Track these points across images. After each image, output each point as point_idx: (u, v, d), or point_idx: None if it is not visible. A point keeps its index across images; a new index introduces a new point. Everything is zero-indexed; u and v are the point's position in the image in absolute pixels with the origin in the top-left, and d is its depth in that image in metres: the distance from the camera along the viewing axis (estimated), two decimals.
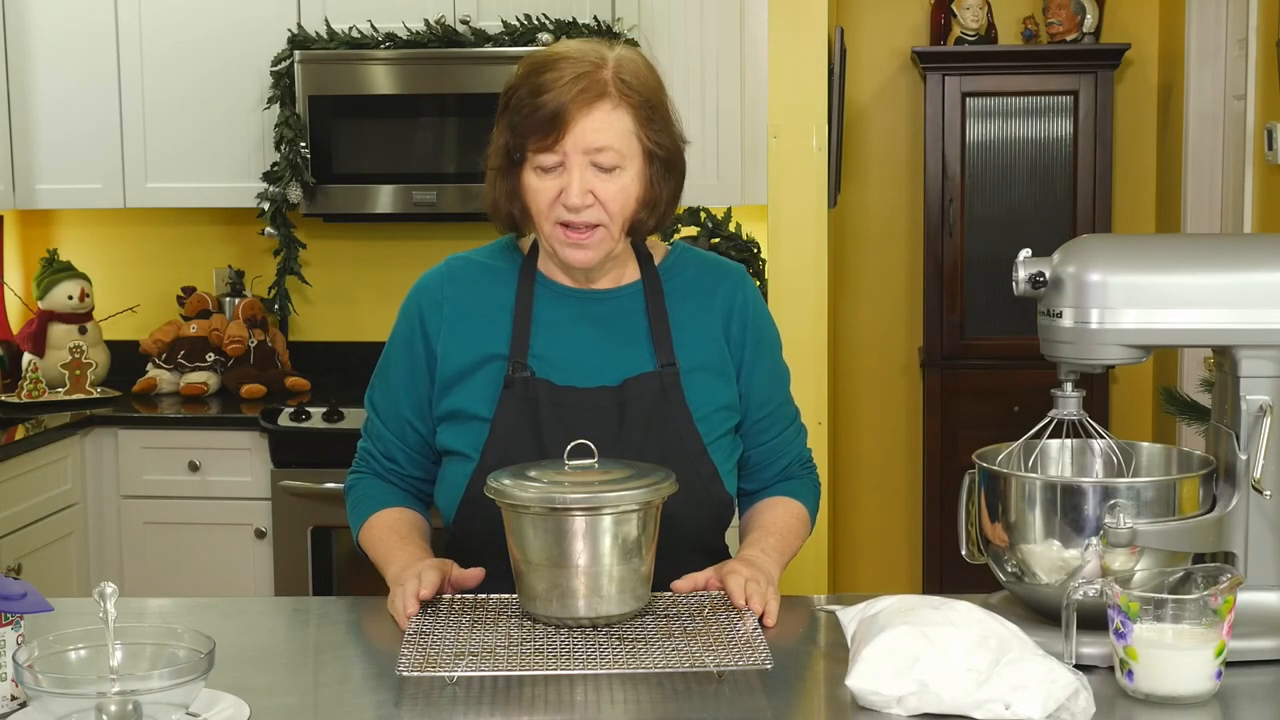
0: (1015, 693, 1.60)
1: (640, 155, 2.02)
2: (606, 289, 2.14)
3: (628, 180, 2.01)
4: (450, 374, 2.10)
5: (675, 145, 2.07)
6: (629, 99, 2.00)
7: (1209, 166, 4.51)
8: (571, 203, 1.99)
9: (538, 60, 2.03)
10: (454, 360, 2.11)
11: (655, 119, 2.03)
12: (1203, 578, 1.72)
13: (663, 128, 2.04)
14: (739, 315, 2.16)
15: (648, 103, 2.02)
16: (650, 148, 2.02)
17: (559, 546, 1.83)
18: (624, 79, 2.00)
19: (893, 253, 5.17)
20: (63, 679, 1.56)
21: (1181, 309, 1.83)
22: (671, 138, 2.06)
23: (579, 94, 1.97)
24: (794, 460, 2.24)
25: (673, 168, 2.07)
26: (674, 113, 2.08)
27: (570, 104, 1.97)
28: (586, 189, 1.99)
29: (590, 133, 1.98)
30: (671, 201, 2.09)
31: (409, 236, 4.63)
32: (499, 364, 2.08)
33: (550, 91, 1.97)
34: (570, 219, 2.01)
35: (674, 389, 2.09)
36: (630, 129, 2.00)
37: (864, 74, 5.07)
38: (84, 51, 4.38)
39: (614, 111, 1.99)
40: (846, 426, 5.12)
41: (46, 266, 4.59)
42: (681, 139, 2.09)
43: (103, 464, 4.20)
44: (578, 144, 1.98)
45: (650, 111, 2.02)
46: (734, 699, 1.69)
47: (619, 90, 1.99)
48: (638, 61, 2.05)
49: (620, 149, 2.00)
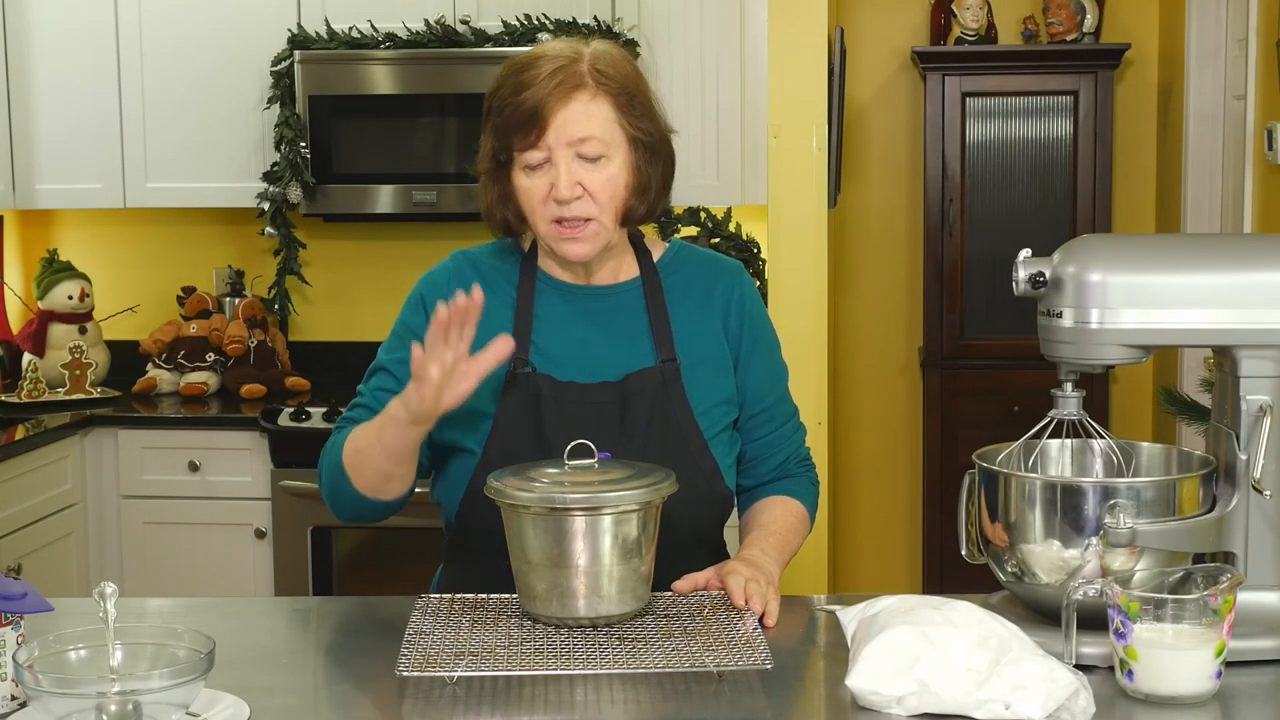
0: (1015, 693, 1.60)
1: (625, 143, 2.04)
2: (607, 285, 2.15)
3: (614, 169, 2.03)
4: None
5: (659, 131, 2.09)
6: (606, 87, 2.03)
7: (1209, 166, 4.51)
8: (561, 195, 2.01)
9: (516, 62, 2.06)
10: None
11: (635, 105, 2.05)
12: (1203, 578, 1.72)
13: (644, 114, 2.06)
14: (736, 310, 2.17)
15: (625, 90, 2.04)
16: (634, 134, 2.05)
17: (559, 546, 1.83)
18: (600, 69, 2.03)
19: (893, 253, 5.17)
20: (63, 679, 1.56)
21: (1181, 309, 1.83)
22: (654, 123, 2.08)
23: (556, 87, 2.00)
24: (790, 456, 2.24)
25: (659, 153, 2.08)
26: (656, 101, 2.10)
27: (549, 97, 2.00)
28: (574, 181, 2.01)
29: (571, 124, 2.00)
30: (662, 188, 2.11)
31: (409, 236, 4.63)
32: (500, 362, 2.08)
33: (529, 89, 2.01)
34: (562, 214, 2.02)
35: (675, 384, 2.09)
36: (611, 117, 2.03)
37: (864, 74, 5.07)
38: (84, 51, 4.38)
39: (593, 101, 2.02)
40: (846, 426, 5.12)
41: (46, 266, 4.59)
42: (667, 127, 2.11)
43: (103, 464, 4.20)
44: (560, 137, 2.00)
45: (629, 99, 2.04)
46: (734, 699, 1.69)
47: (595, 80, 2.02)
48: (613, 52, 2.07)
49: (603, 138, 2.02)
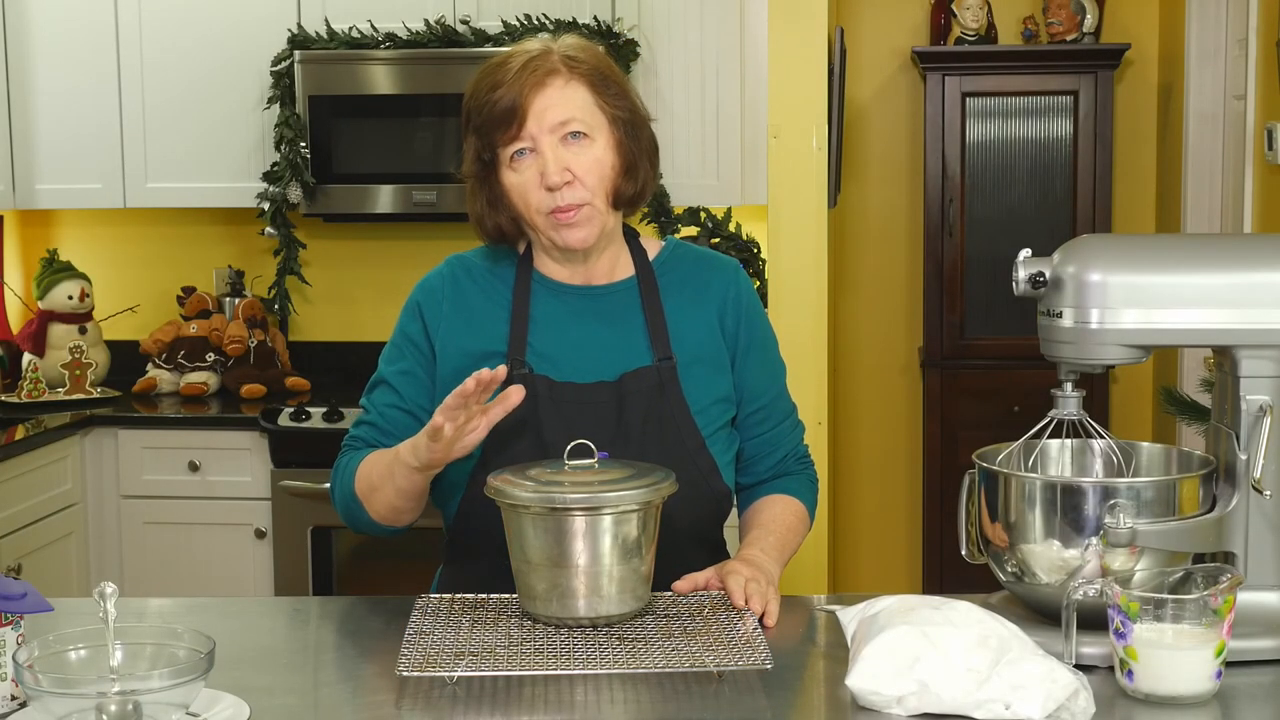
0: (1015, 693, 1.60)
1: (606, 123, 2.07)
2: (602, 285, 2.15)
3: (600, 150, 2.06)
4: (449, 372, 2.10)
5: (638, 112, 2.12)
6: (578, 70, 2.06)
7: (1209, 166, 4.51)
8: (551, 180, 2.02)
9: (489, 64, 2.10)
10: (453, 358, 2.11)
11: (610, 85, 2.08)
12: (1203, 578, 1.72)
13: (619, 93, 2.10)
14: (733, 307, 2.18)
15: (597, 71, 2.08)
16: (614, 113, 2.08)
17: (559, 546, 1.83)
18: (570, 55, 2.07)
19: (893, 253, 5.17)
20: (63, 679, 1.56)
21: (1181, 309, 1.83)
22: (631, 103, 2.11)
23: (529, 77, 2.04)
24: (789, 454, 2.24)
25: (641, 129, 2.11)
26: (630, 86, 2.14)
27: (524, 87, 2.03)
28: (562, 165, 2.03)
29: (550, 110, 2.03)
30: (650, 168, 2.13)
31: (409, 236, 4.63)
32: (498, 361, 2.08)
33: (504, 85, 2.04)
34: (556, 202, 2.04)
35: (671, 383, 2.09)
36: (588, 99, 2.06)
37: (864, 74, 5.07)
38: (84, 51, 4.38)
39: (567, 86, 2.05)
40: (846, 426, 5.12)
41: (46, 266, 4.59)
42: (645, 114, 2.13)
43: (103, 464, 4.20)
44: (541, 124, 2.03)
45: (603, 81, 2.08)
46: (734, 699, 1.69)
47: (567, 66, 2.06)
48: (582, 42, 2.12)
49: (583, 119, 2.05)
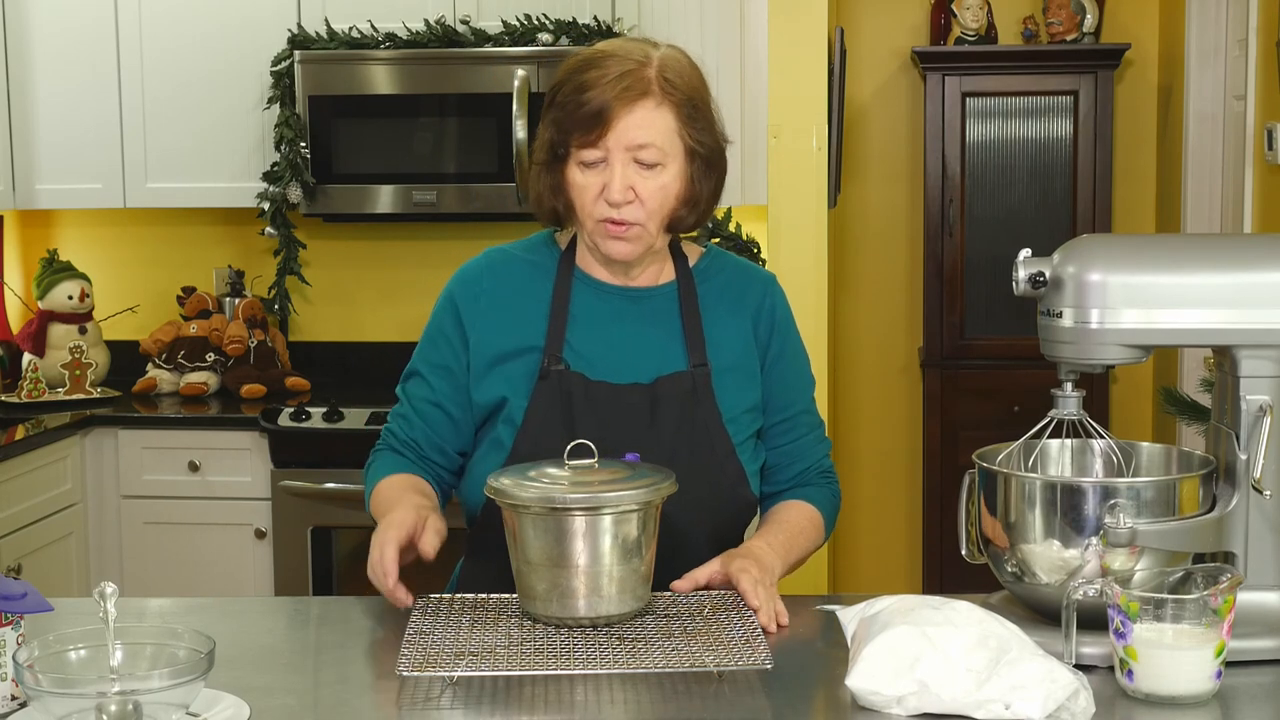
0: (1015, 693, 1.60)
1: (682, 153, 2.04)
2: (643, 287, 2.15)
3: (668, 178, 2.03)
4: (483, 365, 2.11)
5: (717, 144, 2.09)
6: (672, 97, 2.02)
7: (1209, 166, 4.51)
8: (613, 198, 2.01)
9: (583, 58, 2.05)
10: (488, 351, 2.11)
11: (698, 118, 2.04)
12: (1203, 578, 1.72)
13: (705, 126, 2.06)
14: (767, 318, 2.18)
15: (690, 101, 2.03)
16: (692, 146, 2.04)
17: (559, 546, 1.83)
18: (667, 77, 2.02)
19: (893, 253, 5.17)
20: (63, 679, 1.56)
21: (1181, 309, 1.83)
22: (713, 136, 2.08)
23: (622, 91, 1.99)
24: (811, 467, 2.23)
25: (714, 166, 2.08)
26: (717, 112, 2.10)
27: (613, 101, 1.99)
28: (628, 185, 2.01)
29: (633, 130, 2.00)
30: (712, 199, 2.11)
31: (409, 236, 4.63)
32: (534, 356, 2.09)
33: (594, 89, 2.00)
34: (611, 215, 2.02)
35: (705, 389, 2.09)
36: (673, 127, 2.02)
37: (864, 74, 5.07)
38: (84, 51, 4.38)
39: (657, 110, 2.01)
40: (846, 426, 5.12)
41: (46, 266, 4.59)
42: (724, 138, 2.10)
43: (103, 464, 4.20)
44: (620, 141, 2.00)
45: (693, 110, 2.04)
46: (734, 699, 1.69)
47: (662, 89, 2.01)
48: (682, 60, 2.07)
49: (662, 146, 2.01)
